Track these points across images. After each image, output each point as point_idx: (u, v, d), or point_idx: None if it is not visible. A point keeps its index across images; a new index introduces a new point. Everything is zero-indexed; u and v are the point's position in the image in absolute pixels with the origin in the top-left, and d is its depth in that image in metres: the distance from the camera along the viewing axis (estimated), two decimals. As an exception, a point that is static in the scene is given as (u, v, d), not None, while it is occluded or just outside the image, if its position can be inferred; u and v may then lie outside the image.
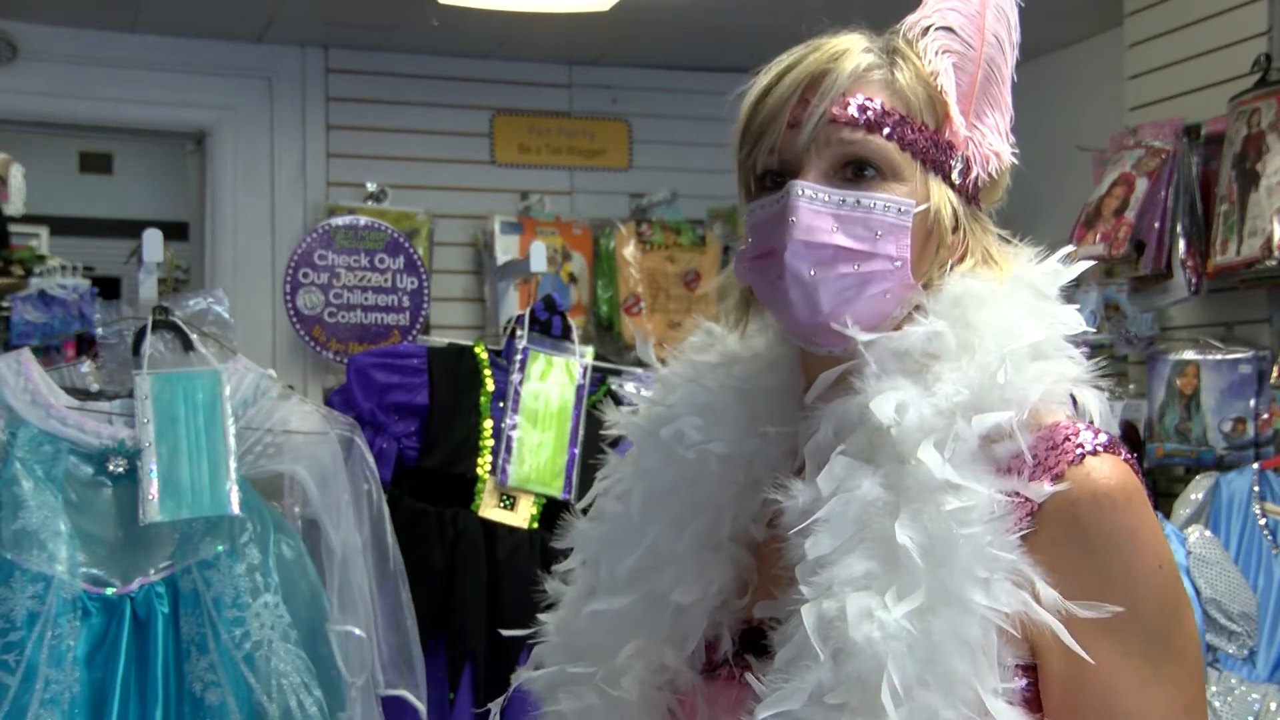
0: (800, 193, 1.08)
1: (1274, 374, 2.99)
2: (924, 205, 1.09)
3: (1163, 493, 3.17)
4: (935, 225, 1.10)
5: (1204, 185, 3.14)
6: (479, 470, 2.60)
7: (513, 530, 2.59)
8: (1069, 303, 1.10)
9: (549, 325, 2.76)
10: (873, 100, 1.09)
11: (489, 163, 4.97)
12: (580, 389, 2.70)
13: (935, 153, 1.10)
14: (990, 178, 1.15)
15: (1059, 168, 3.65)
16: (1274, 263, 2.87)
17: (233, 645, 2.07)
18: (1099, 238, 3.17)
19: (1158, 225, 3.13)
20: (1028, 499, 0.99)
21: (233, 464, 2.15)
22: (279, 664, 2.08)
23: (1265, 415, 3.00)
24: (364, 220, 4.40)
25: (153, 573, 2.12)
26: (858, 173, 1.09)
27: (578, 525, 1.25)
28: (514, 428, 2.62)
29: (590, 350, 2.80)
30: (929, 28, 1.13)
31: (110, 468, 2.16)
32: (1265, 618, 2.75)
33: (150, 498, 2.10)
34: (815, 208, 1.08)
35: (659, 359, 1.30)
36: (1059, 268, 1.11)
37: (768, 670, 1.01)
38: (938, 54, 1.11)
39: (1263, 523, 2.83)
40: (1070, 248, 1.15)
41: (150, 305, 2.34)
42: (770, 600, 1.08)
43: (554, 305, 2.78)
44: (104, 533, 2.13)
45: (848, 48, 1.11)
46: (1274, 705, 2.62)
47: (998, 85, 1.14)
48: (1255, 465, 2.91)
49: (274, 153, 4.75)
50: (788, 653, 1.00)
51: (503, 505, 2.60)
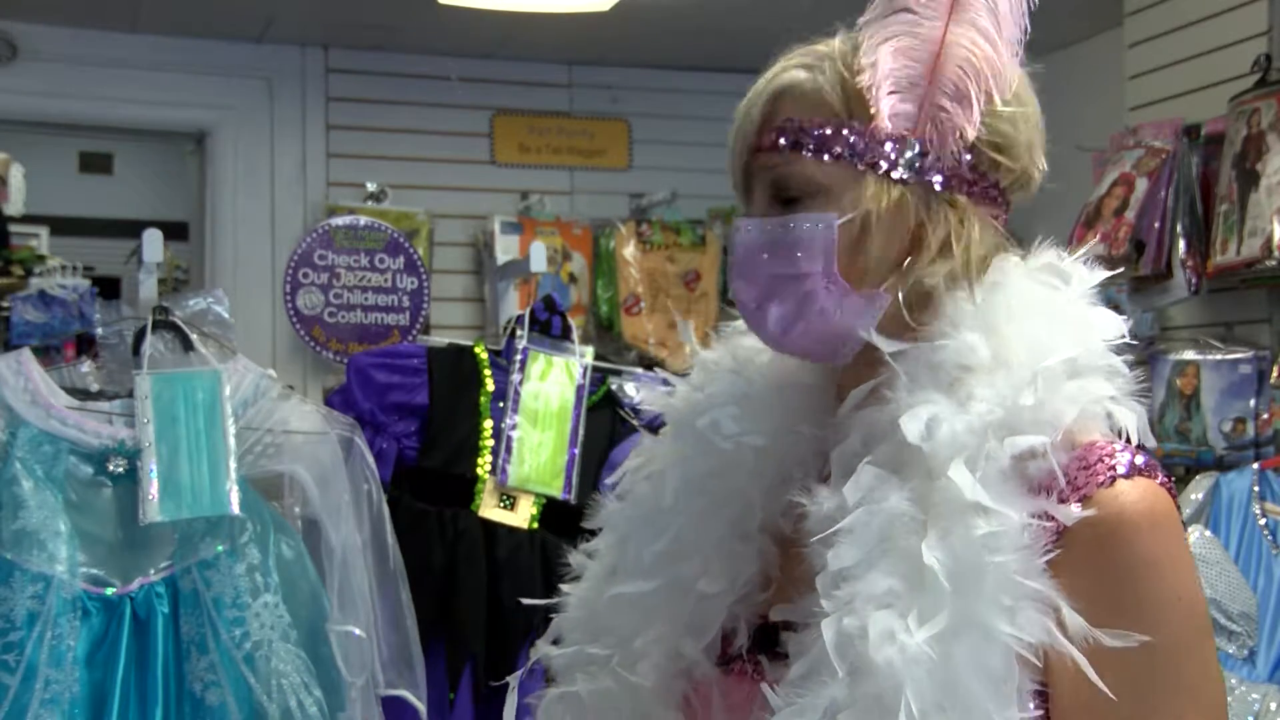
0: (738, 229, 1.11)
1: (1274, 374, 2.99)
2: (848, 216, 1.06)
3: (1163, 493, 3.17)
4: (877, 228, 1.06)
5: (1204, 185, 3.14)
6: (479, 470, 2.60)
7: (513, 530, 2.59)
8: (1111, 307, 1.07)
9: (549, 325, 2.76)
10: (794, 119, 1.08)
11: (489, 163, 4.97)
12: (580, 389, 2.70)
13: (870, 151, 1.06)
14: (992, 159, 1.08)
15: (1059, 168, 3.64)
16: (1274, 263, 2.87)
17: (233, 645, 2.07)
18: (1099, 238, 3.17)
19: (1158, 225, 3.13)
20: (1057, 520, 0.97)
21: (233, 464, 2.16)
22: (279, 664, 2.08)
23: (1265, 415, 3.00)
24: (364, 220, 4.40)
25: (153, 573, 2.12)
26: (789, 198, 1.09)
27: (607, 503, 1.25)
28: (514, 428, 2.62)
29: (590, 350, 2.80)
30: (879, 17, 1.08)
31: (110, 468, 2.16)
32: (1265, 618, 2.75)
33: (150, 498, 2.10)
34: (750, 240, 1.09)
35: (662, 356, 1.30)
36: (1092, 269, 1.08)
37: (780, 674, 1.00)
38: (879, 43, 1.07)
39: (1263, 523, 2.83)
40: (1096, 246, 1.12)
41: (150, 305, 2.34)
42: (787, 604, 1.06)
43: (554, 305, 2.78)
44: (104, 533, 2.13)
45: (778, 69, 1.10)
46: (1274, 705, 2.62)
47: (979, 56, 1.07)
48: (1255, 465, 2.91)
49: (274, 153, 4.75)
50: (804, 665, 0.98)
51: (503, 505, 2.60)
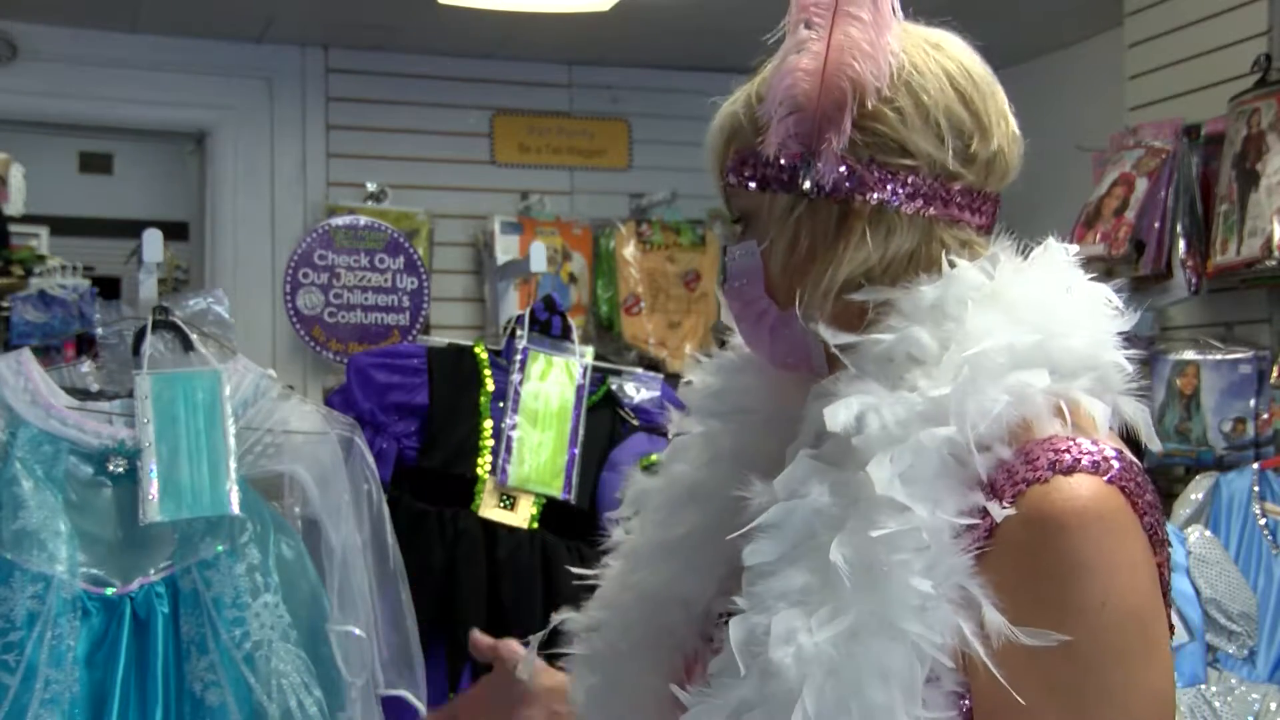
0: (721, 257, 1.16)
1: (1274, 374, 3.00)
2: (768, 238, 1.09)
3: (1163, 493, 3.16)
4: (785, 247, 1.09)
5: (1204, 185, 3.15)
6: (479, 470, 2.59)
7: (513, 530, 2.59)
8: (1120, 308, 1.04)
9: (549, 325, 2.76)
10: (734, 154, 1.12)
11: (489, 163, 4.97)
12: (580, 389, 2.70)
13: (772, 174, 1.09)
14: (882, 160, 1.06)
15: (1059, 168, 3.65)
16: (1274, 263, 2.87)
17: (233, 645, 2.07)
18: (1099, 238, 3.17)
19: (1158, 225, 3.13)
20: (990, 517, 0.95)
21: (233, 464, 2.16)
22: (279, 664, 2.08)
23: (1265, 415, 3.00)
24: (364, 220, 4.40)
25: (153, 573, 2.12)
26: (741, 229, 1.14)
27: (637, 478, 1.26)
28: (514, 428, 2.62)
29: (590, 350, 2.80)
30: (788, 37, 1.09)
31: (110, 468, 2.16)
32: (1265, 618, 2.75)
33: (150, 498, 2.10)
34: (728, 271, 1.15)
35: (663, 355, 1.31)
36: (1065, 260, 1.07)
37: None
38: (777, 65, 1.08)
39: (1263, 523, 2.83)
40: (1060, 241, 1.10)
41: (150, 305, 2.34)
42: (727, 596, 1.06)
43: (554, 305, 2.78)
44: (104, 533, 2.13)
45: (722, 111, 1.15)
46: (1274, 705, 2.63)
47: (858, 56, 1.05)
48: (1255, 465, 2.91)
49: (274, 153, 4.76)
50: (718, 663, 0.98)
51: (503, 505, 2.60)
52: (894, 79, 1.07)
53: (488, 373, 2.68)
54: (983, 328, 1.01)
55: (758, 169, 1.09)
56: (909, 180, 1.07)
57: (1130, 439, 1.03)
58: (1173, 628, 1.02)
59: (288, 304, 4.27)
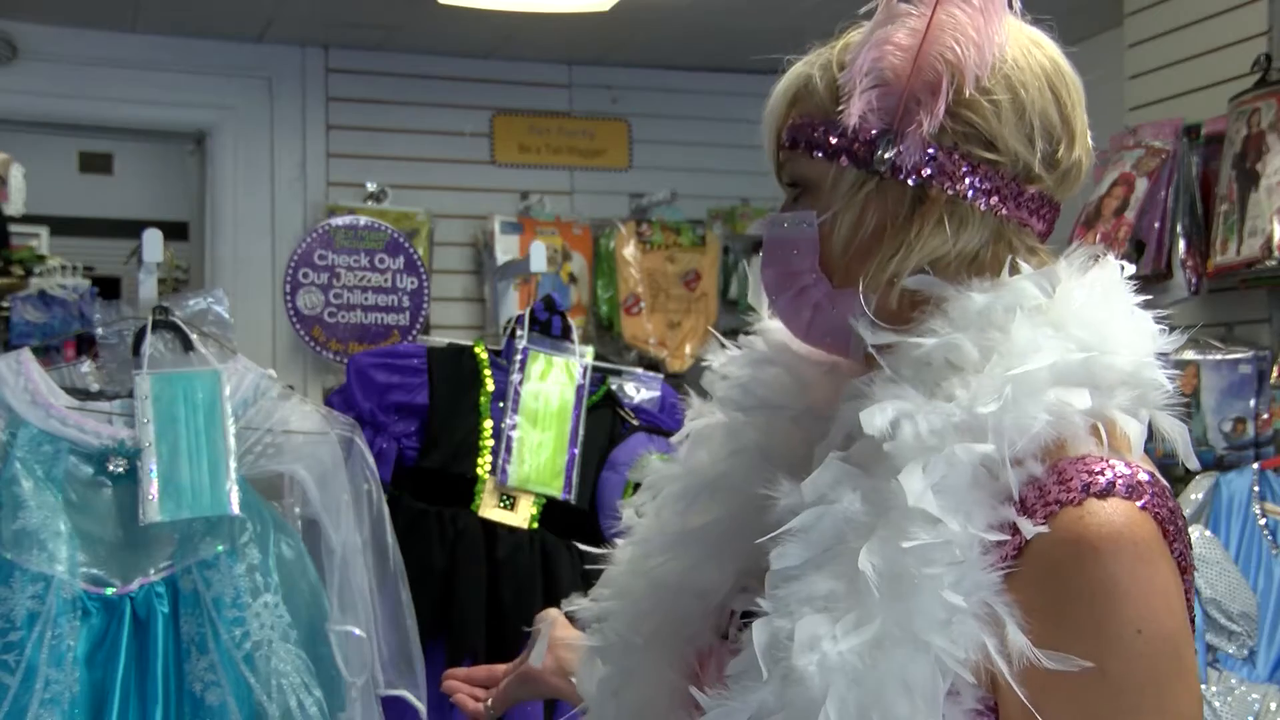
0: (759, 228, 1.12)
1: (1274, 374, 3.00)
2: (829, 211, 1.06)
3: (1163, 493, 3.17)
4: (848, 223, 1.06)
5: (1204, 185, 3.14)
6: (479, 470, 2.59)
7: (513, 530, 2.59)
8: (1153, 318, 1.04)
9: (549, 325, 2.76)
10: (799, 117, 1.08)
11: (489, 163, 4.98)
12: (580, 389, 2.70)
13: (845, 146, 1.05)
14: (968, 151, 1.04)
15: (1059, 168, 3.64)
16: (1274, 263, 2.87)
17: (233, 645, 2.07)
18: (1099, 238, 3.17)
19: (1158, 225, 3.13)
20: (1021, 534, 0.93)
21: (233, 464, 2.16)
22: (279, 664, 2.09)
23: (1265, 415, 3.00)
24: (364, 220, 4.40)
25: (153, 573, 2.12)
26: (796, 194, 1.10)
27: (655, 464, 1.24)
28: (514, 428, 2.62)
29: (590, 350, 2.79)
30: (881, 12, 1.06)
31: (110, 468, 2.16)
32: (1265, 618, 2.75)
33: (150, 498, 2.10)
34: (763, 233, 1.11)
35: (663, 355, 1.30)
36: (1118, 278, 1.06)
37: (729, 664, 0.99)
38: (867, 37, 1.05)
39: (1263, 523, 2.83)
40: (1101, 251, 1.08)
41: (150, 305, 2.34)
42: (748, 594, 1.05)
43: (554, 305, 2.78)
44: (104, 533, 2.13)
45: (791, 69, 1.11)
46: (1274, 705, 2.62)
47: (960, 43, 1.03)
48: (1255, 465, 2.91)
49: (274, 153, 4.76)
50: (738, 665, 0.97)
51: (503, 505, 2.60)
52: (994, 71, 1.04)
53: (488, 373, 2.68)
54: (1027, 340, 0.99)
55: (828, 136, 1.06)
56: (989, 176, 1.05)
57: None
58: None
59: (288, 304, 4.27)
